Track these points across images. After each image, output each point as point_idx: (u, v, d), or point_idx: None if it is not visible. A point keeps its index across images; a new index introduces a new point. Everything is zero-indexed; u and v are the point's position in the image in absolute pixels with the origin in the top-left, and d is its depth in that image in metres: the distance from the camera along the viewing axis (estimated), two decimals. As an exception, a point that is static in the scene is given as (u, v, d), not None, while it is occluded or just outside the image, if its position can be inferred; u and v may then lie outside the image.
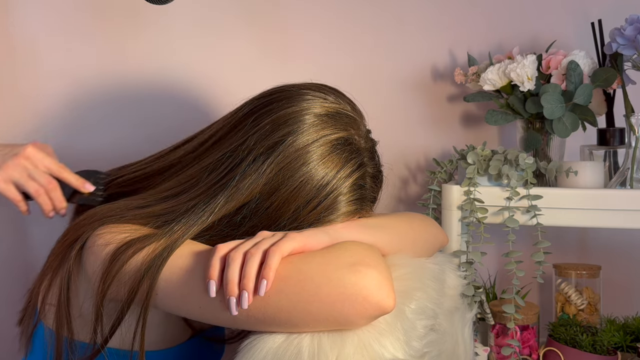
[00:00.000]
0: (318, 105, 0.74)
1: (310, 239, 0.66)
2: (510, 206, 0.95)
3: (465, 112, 1.21)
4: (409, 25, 1.21)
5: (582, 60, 1.00)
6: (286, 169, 0.71)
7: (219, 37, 1.23)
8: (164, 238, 0.68)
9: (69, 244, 0.75)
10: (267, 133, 0.72)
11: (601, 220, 0.93)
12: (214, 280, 0.62)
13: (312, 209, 0.71)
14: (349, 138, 0.74)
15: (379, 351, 0.62)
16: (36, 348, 0.79)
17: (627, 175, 0.96)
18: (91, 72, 1.22)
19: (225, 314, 0.62)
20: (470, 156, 0.98)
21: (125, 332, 0.69)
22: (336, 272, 0.61)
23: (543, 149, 1.06)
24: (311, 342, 0.61)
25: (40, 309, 0.78)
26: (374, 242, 0.71)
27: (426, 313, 0.70)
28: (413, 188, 1.23)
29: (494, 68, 1.05)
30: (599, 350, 0.97)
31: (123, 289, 0.67)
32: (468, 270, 0.97)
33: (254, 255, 0.62)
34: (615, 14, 1.04)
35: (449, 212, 0.99)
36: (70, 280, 0.73)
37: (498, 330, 1.04)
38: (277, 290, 0.61)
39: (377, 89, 1.22)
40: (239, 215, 0.72)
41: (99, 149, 1.22)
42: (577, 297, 1.06)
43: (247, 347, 0.63)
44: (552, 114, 0.98)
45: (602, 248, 1.18)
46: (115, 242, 0.69)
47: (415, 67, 1.22)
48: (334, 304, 0.60)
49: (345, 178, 0.72)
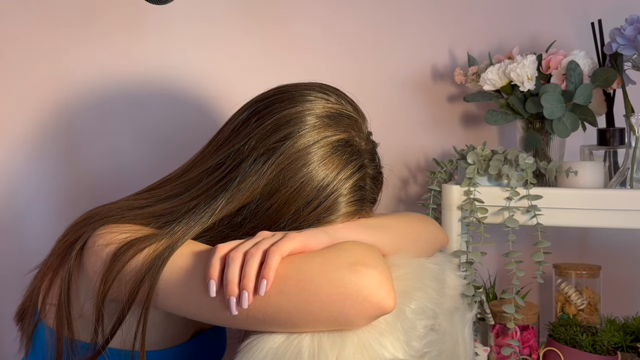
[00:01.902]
0: (320, 106, 0.74)
1: (311, 239, 0.66)
2: (510, 206, 0.95)
3: (465, 112, 1.21)
4: (409, 25, 1.21)
5: (582, 60, 1.00)
6: (287, 169, 0.71)
7: (218, 38, 1.23)
8: (164, 238, 0.68)
9: (70, 244, 0.75)
10: (268, 134, 0.72)
11: (601, 220, 0.93)
12: (214, 280, 0.62)
13: (312, 209, 0.71)
14: (350, 140, 0.74)
15: (379, 351, 0.62)
16: (36, 348, 0.79)
17: (627, 175, 0.96)
18: (92, 71, 1.22)
19: (225, 314, 0.62)
20: (470, 156, 0.98)
21: (126, 332, 0.69)
22: (336, 272, 0.61)
23: (543, 149, 1.06)
24: (311, 342, 0.61)
25: (41, 309, 0.78)
26: (374, 242, 0.71)
27: (426, 313, 0.70)
28: (413, 188, 1.23)
29: (494, 68, 1.05)
30: (599, 350, 0.97)
31: (124, 289, 0.67)
32: (468, 270, 0.97)
33: (254, 255, 0.62)
34: (615, 14, 1.04)
35: (449, 212, 0.99)
36: (71, 280, 0.73)
37: (498, 330, 1.04)
38: (277, 290, 0.61)
39: (377, 89, 1.22)
40: (239, 215, 0.72)
41: (99, 150, 1.22)
42: (577, 297, 1.06)
43: (247, 347, 0.63)
44: (552, 114, 0.98)
45: (602, 248, 1.18)
46: (116, 242, 0.69)
47: (415, 67, 1.22)
48: (334, 304, 0.60)
49: (346, 179, 0.72)
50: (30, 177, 1.25)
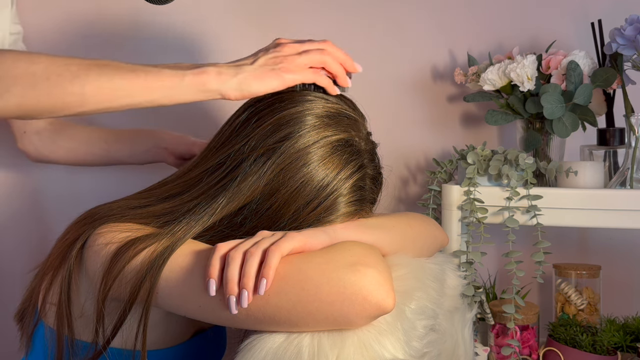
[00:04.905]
0: (319, 106, 0.74)
1: (310, 238, 0.66)
2: (510, 206, 0.95)
3: (465, 112, 1.21)
4: (409, 25, 1.21)
5: (582, 60, 1.00)
6: (287, 169, 0.71)
7: (218, 38, 1.23)
8: (165, 238, 0.68)
9: (70, 243, 0.75)
10: (268, 134, 0.72)
11: (601, 220, 0.93)
12: (213, 279, 0.62)
13: (312, 209, 0.71)
14: (350, 139, 0.74)
15: (379, 351, 0.62)
16: (36, 347, 0.79)
17: (627, 175, 0.96)
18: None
19: (225, 313, 0.62)
20: (470, 156, 0.98)
21: (127, 332, 0.69)
22: (336, 272, 0.61)
23: (543, 149, 1.06)
24: (311, 342, 0.61)
25: (41, 308, 0.78)
26: (373, 242, 0.71)
27: (426, 313, 0.70)
28: (413, 188, 1.23)
29: (494, 68, 1.05)
30: (599, 350, 0.97)
31: (124, 289, 0.67)
32: (468, 270, 0.97)
33: (254, 254, 0.62)
34: (615, 14, 1.04)
35: (449, 212, 0.99)
36: (71, 279, 0.73)
37: (498, 330, 1.04)
38: (277, 289, 0.61)
39: (378, 89, 1.22)
40: (239, 215, 0.72)
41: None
42: (577, 297, 1.06)
43: (247, 347, 0.63)
44: (552, 114, 0.98)
45: (602, 248, 1.18)
46: (117, 242, 0.69)
47: (415, 67, 1.22)
48: (333, 304, 0.60)
49: (346, 179, 0.72)
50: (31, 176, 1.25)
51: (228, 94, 0.73)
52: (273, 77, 0.73)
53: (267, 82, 0.73)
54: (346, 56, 0.78)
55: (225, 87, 0.72)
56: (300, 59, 0.74)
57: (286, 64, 0.74)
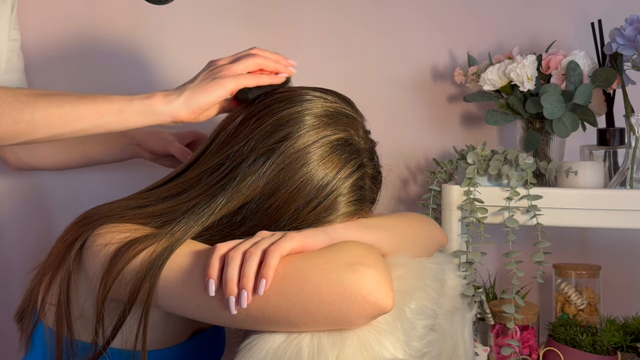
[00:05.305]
0: (318, 106, 0.74)
1: (310, 238, 0.66)
2: (510, 206, 0.95)
3: (465, 112, 1.21)
4: (409, 25, 1.21)
5: (582, 60, 1.00)
6: (286, 169, 0.71)
7: (218, 39, 1.23)
8: (164, 238, 0.68)
9: (69, 244, 0.75)
10: (267, 134, 0.72)
11: (601, 220, 0.93)
12: (213, 279, 0.62)
13: (311, 209, 0.71)
14: (349, 139, 0.74)
15: (379, 351, 0.62)
16: (36, 347, 0.79)
17: (627, 175, 0.96)
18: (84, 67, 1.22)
19: (224, 313, 0.62)
20: (470, 156, 0.98)
21: (127, 332, 0.69)
22: (335, 272, 0.61)
23: (543, 149, 1.06)
24: (311, 342, 0.61)
25: (40, 309, 0.78)
26: (373, 242, 0.71)
27: (426, 313, 0.70)
28: (413, 188, 1.23)
29: (494, 68, 1.05)
30: (599, 350, 0.97)
31: (124, 289, 0.67)
32: (468, 270, 0.97)
33: (253, 254, 0.62)
34: (615, 14, 1.04)
35: (449, 212, 0.99)
36: (71, 279, 0.73)
37: (498, 330, 1.04)
38: (276, 289, 0.61)
39: (377, 89, 1.22)
40: (239, 215, 0.72)
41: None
42: (577, 297, 1.06)
43: (247, 347, 0.63)
44: (552, 114, 0.98)
45: (602, 248, 1.18)
46: (116, 242, 0.69)
47: (415, 67, 1.22)
48: (332, 304, 0.60)
49: (345, 179, 0.72)
50: (31, 176, 1.25)
51: (178, 114, 0.75)
52: (216, 86, 0.75)
53: (212, 91, 0.75)
54: (277, 56, 0.81)
55: (171, 107, 0.75)
56: (237, 66, 0.77)
57: (225, 71, 0.76)
